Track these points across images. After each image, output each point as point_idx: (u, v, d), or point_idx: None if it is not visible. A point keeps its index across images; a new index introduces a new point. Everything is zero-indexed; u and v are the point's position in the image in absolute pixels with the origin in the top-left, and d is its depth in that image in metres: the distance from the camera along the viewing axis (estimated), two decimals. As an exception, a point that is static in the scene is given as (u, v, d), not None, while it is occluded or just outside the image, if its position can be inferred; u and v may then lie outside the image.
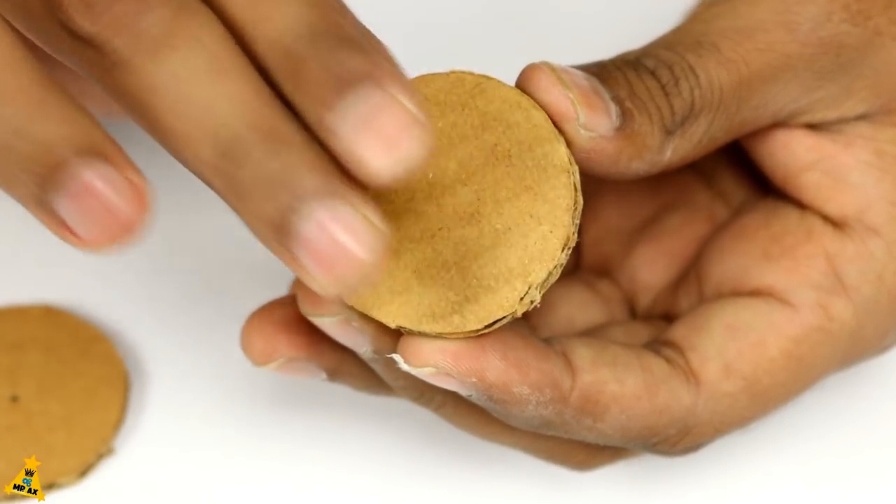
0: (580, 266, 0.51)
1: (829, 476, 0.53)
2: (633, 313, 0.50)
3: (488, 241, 0.40)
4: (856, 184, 0.45)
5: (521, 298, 0.39)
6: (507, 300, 0.39)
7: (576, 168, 0.40)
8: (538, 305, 0.40)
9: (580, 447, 0.47)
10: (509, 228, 0.40)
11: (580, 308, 0.49)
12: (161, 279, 0.58)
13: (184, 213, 0.60)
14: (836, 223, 0.45)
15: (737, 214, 0.48)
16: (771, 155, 0.46)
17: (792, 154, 0.45)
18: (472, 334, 0.40)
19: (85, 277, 0.57)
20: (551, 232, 0.40)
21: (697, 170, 0.50)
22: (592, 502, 0.52)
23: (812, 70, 0.44)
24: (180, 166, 0.61)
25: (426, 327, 0.40)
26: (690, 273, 0.48)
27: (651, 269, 0.49)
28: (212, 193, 0.60)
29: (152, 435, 0.53)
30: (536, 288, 0.39)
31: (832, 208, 0.45)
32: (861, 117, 0.45)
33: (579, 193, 0.40)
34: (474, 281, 0.40)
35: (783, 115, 0.45)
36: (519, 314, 0.40)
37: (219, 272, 0.58)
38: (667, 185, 0.50)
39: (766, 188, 0.48)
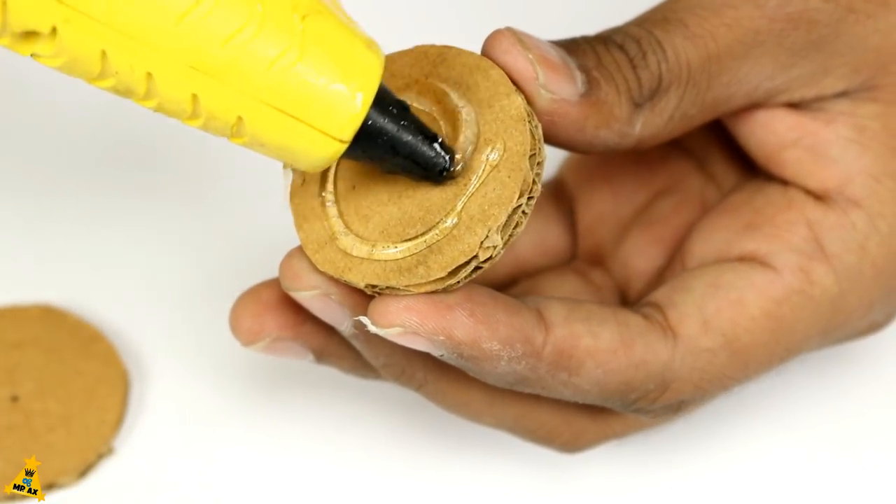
0: (575, 255, 0.51)
1: (823, 457, 0.54)
2: (625, 301, 0.51)
3: (451, 194, 0.42)
4: (836, 158, 0.47)
5: (482, 243, 0.41)
6: (468, 245, 0.41)
7: (537, 123, 0.43)
8: (501, 251, 0.42)
9: (565, 426, 0.48)
10: (470, 179, 0.42)
11: (571, 297, 0.49)
12: (161, 279, 0.59)
13: (184, 213, 0.61)
14: (818, 197, 0.47)
15: (724, 196, 0.50)
16: (752, 134, 0.48)
17: (773, 132, 0.47)
18: (438, 284, 0.42)
19: (85, 277, 0.59)
20: (509, 177, 0.41)
21: (690, 155, 0.52)
22: (585, 482, 0.53)
23: (783, 46, 0.45)
24: (181, 168, 0.62)
25: (393, 281, 0.42)
26: (676, 256, 0.48)
27: (643, 256, 0.50)
28: (211, 195, 0.61)
29: (152, 435, 0.55)
30: (496, 231, 0.41)
31: (813, 183, 0.47)
32: (841, 94, 0.47)
33: (541, 143, 0.42)
34: (437, 232, 0.42)
35: (760, 94, 0.46)
36: (482, 259, 0.42)
37: (219, 272, 0.58)
38: (660, 171, 0.52)
39: (756, 171, 0.48)
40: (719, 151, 0.51)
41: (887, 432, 0.54)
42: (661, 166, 0.52)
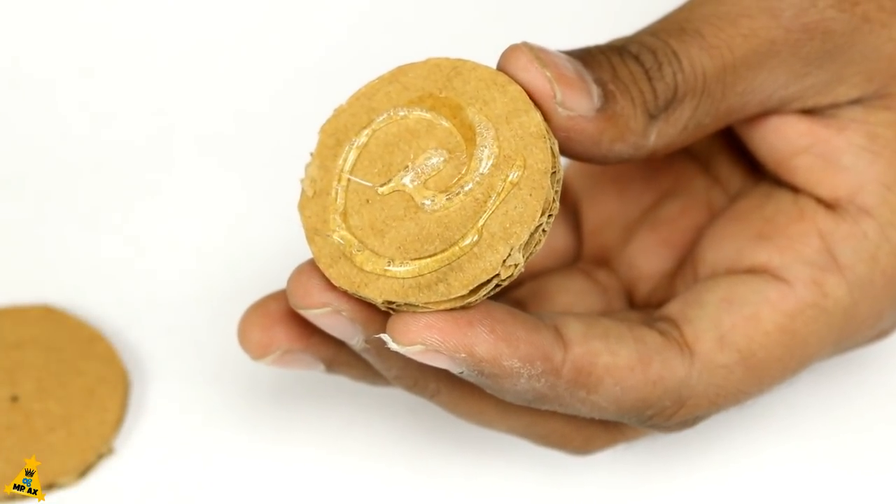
0: (580, 256, 0.52)
1: (828, 460, 0.54)
2: (632, 303, 0.51)
3: (470, 211, 0.42)
4: (848, 166, 0.47)
5: (504, 261, 0.41)
6: (490, 263, 0.41)
7: (554, 140, 0.43)
8: (522, 269, 0.42)
9: (576, 432, 0.48)
10: (490, 196, 0.42)
11: (578, 297, 0.50)
12: (161, 279, 0.59)
13: (184, 213, 0.61)
14: (828, 205, 0.48)
15: (732, 201, 0.50)
16: (764, 140, 0.48)
17: (784, 139, 0.47)
18: (458, 302, 0.42)
19: (85, 277, 0.59)
20: (531, 195, 0.41)
21: (695, 158, 0.52)
22: (592, 486, 0.53)
23: (798, 56, 0.46)
24: (182, 168, 0.62)
25: (412, 298, 0.42)
26: (687, 261, 0.48)
27: (649, 258, 0.51)
28: (211, 194, 0.61)
29: (152, 435, 0.55)
30: (518, 250, 0.41)
31: (824, 190, 0.47)
32: (854, 102, 0.47)
33: (558, 160, 0.42)
34: (457, 249, 0.42)
35: (773, 103, 0.47)
36: (503, 277, 0.42)
37: (219, 272, 0.59)
38: (665, 173, 0.52)
39: (762, 175, 0.49)
40: (724, 154, 0.51)
41: (891, 439, 0.55)
42: (667, 168, 0.52)
